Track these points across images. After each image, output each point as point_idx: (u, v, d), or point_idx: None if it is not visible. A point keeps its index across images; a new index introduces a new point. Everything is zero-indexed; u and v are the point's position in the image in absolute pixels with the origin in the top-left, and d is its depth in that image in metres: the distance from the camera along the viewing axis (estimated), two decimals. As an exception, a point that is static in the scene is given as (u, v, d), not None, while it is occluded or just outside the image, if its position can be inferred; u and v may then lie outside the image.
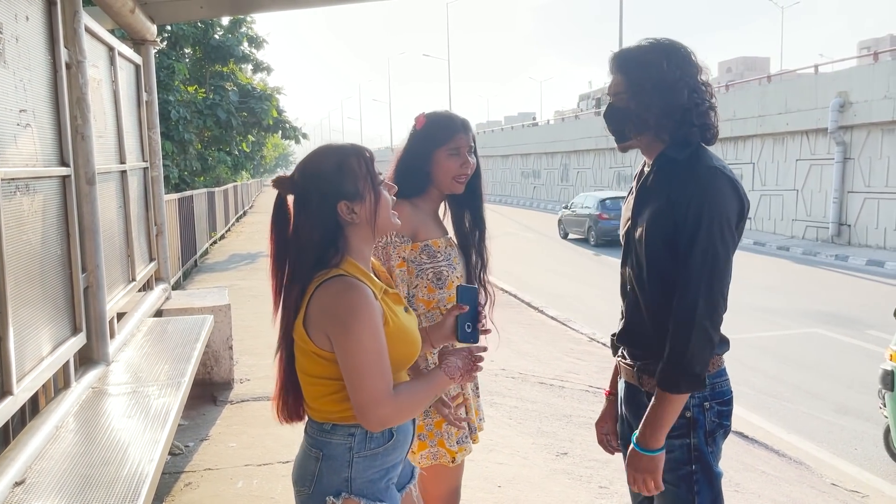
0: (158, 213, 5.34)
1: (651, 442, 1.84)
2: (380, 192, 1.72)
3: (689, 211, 1.80)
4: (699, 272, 1.79)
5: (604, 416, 2.25)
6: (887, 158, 17.36)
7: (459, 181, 2.27)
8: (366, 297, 1.63)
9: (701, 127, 1.87)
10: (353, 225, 1.71)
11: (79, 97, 3.31)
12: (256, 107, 18.36)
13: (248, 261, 13.46)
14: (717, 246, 1.79)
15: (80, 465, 2.45)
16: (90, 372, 3.33)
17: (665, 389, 1.82)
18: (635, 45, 1.94)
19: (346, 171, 1.69)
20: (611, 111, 1.98)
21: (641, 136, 1.94)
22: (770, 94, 20.59)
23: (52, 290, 2.87)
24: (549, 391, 6.00)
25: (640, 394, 1.98)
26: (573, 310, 10.54)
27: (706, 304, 1.79)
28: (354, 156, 1.72)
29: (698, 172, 1.84)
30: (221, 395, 5.19)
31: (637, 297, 1.97)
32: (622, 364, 2.09)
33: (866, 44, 52.10)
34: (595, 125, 33.02)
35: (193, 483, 3.74)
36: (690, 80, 1.87)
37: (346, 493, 1.69)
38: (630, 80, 1.91)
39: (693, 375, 1.80)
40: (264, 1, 5.16)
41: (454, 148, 2.24)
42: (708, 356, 1.82)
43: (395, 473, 1.81)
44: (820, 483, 5.14)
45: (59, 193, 2.99)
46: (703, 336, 1.79)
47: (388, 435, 1.75)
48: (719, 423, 1.92)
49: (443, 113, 2.34)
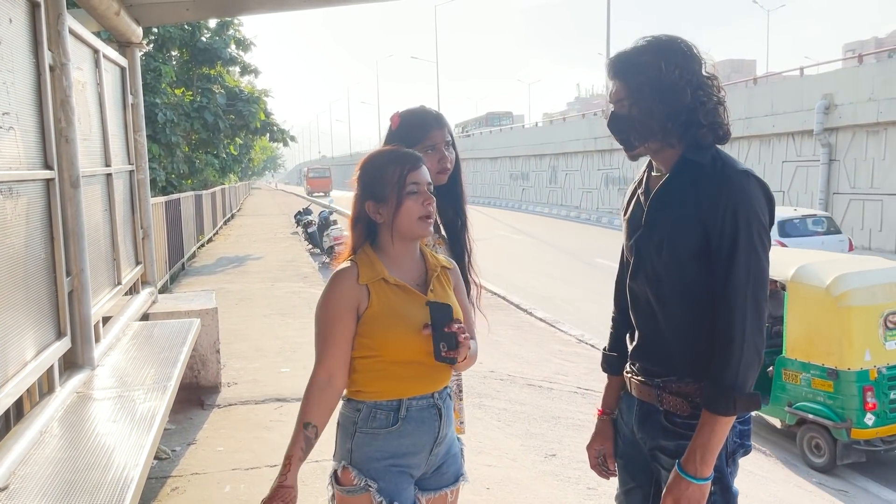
0: (145, 216, 5.31)
1: (702, 469, 1.70)
2: (402, 201, 1.86)
3: (725, 219, 1.70)
4: (745, 283, 1.69)
5: (598, 436, 2.12)
6: (872, 160, 17.53)
7: (441, 174, 2.28)
8: (337, 282, 1.85)
9: (711, 126, 1.78)
10: (381, 224, 1.91)
11: (63, 100, 3.29)
12: (244, 109, 18.30)
13: (236, 264, 13.41)
14: (759, 253, 1.71)
15: (64, 471, 2.42)
16: (75, 376, 3.30)
17: (717, 413, 1.69)
18: (631, 47, 1.84)
19: (380, 176, 1.89)
20: (613, 120, 1.89)
21: (648, 144, 1.84)
22: (756, 97, 20.75)
23: (36, 294, 2.84)
24: (537, 393, 6.01)
25: (658, 413, 1.85)
26: (562, 311, 10.57)
27: (754, 317, 1.69)
28: (394, 164, 1.90)
29: (730, 178, 1.73)
30: (209, 399, 5.16)
31: (655, 310, 1.86)
32: (635, 381, 1.94)
33: (851, 46, 52.57)
34: (583, 128, 33.15)
35: (180, 488, 3.72)
36: (693, 77, 1.77)
37: (346, 462, 1.85)
38: (629, 85, 1.82)
39: (746, 395, 1.69)
40: (251, 3, 5.14)
41: (430, 145, 2.25)
42: (756, 371, 1.72)
43: (404, 462, 1.86)
44: (806, 483, 5.17)
45: (43, 196, 2.96)
46: (754, 352, 1.69)
47: (393, 419, 1.84)
48: (741, 444, 1.84)
49: (416, 110, 2.34)
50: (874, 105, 16.98)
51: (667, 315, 1.83)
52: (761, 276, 1.71)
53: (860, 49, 38.90)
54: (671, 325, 1.83)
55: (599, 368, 2.20)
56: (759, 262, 1.71)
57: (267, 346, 6.69)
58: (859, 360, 5.26)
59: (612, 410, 2.10)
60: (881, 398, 5.24)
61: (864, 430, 5.22)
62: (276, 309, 8.65)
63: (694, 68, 1.78)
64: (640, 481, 1.99)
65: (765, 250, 1.72)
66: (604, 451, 2.10)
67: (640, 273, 1.90)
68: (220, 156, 19.27)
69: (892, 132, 16.91)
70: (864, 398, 5.20)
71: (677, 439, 1.81)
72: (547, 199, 37.04)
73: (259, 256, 14.49)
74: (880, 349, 5.31)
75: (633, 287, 1.93)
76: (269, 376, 5.70)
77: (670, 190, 1.83)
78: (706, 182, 1.75)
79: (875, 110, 16.96)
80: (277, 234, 19.64)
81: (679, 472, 1.73)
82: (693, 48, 1.81)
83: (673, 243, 1.79)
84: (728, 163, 1.77)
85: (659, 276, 1.83)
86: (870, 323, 5.31)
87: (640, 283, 1.90)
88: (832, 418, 5.32)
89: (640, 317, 1.93)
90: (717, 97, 1.79)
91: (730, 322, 1.70)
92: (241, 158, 23.19)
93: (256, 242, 17.60)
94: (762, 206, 1.73)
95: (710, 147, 1.80)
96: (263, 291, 9.99)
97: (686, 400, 1.80)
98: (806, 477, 5.30)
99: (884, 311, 5.33)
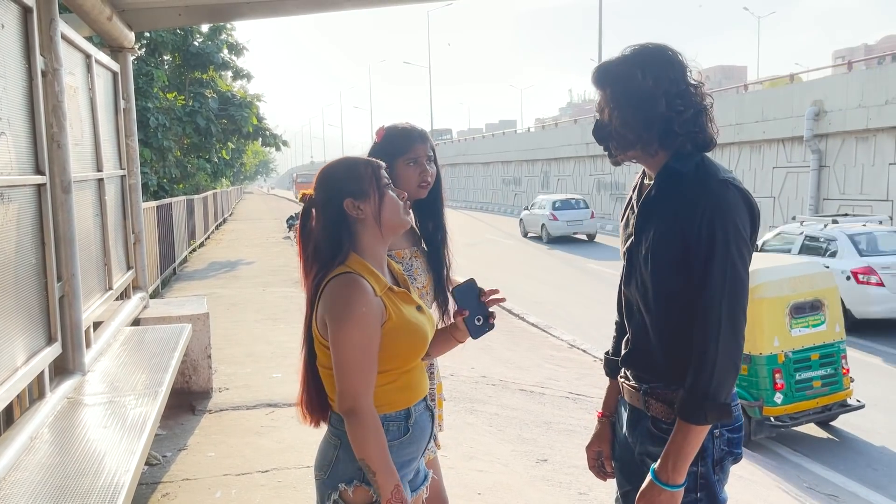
0: (136, 221, 5.30)
1: (674, 476, 1.72)
2: (384, 192, 1.85)
3: (702, 228, 1.70)
4: (720, 293, 1.69)
5: (596, 438, 2.13)
6: (861, 166, 17.66)
7: (422, 186, 2.32)
8: (361, 293, 1.73)
9: (686, 135, 1.78)
10: (361, 222, 1.84)
11: (55, 105, 3.28)
12: (236, 114, 18.29)
13: (228, 269, 13.38)
14: (736, 264, 1.69)
15: (54, 477, 2.42)
16: (66, 382, 3.29)
17: (689, 421, 1.70)
18: (616, 57, 1.86)
19: (353, 174, 1.85)
20: (595, 128, 1.91)
21: (629, 153, 1.86)
22: (747, 103, 20.87)
23: (27, 300, 2.84)
24: (529, 398, 6.01)
25: (646, 419, 1.88)
26: (554, 316, 10.59)
27: (729, 328, 1.69)
28: (363, 164, 1.88)
29: (709, 187, 1.73)
30: (200, 405, 5.15)
31: (643, 317, 1.87)
32: (626, 386, 1.97)
33: (841, 53, 52.94)
34: (575, 133, 33.25)
35: (171, 493, 3.71)
36: (671, 86, 1.77)
37: (358, 481, 1.77)
38: (608, 94, 1.85)
39: (719, 405, 1.70)
40: (243, 9, 5.15)
41: (413, 157, 2.31)
42: (732, 382, 1.73)
43: (409, 469, 1.87)
44: (795, 488, 5.20)
45: (35, 202, 2.96)
46: (728, 363, 1.70)
47: (403, 429, 1.83)
48: (729, 451, 1.83)
49: (402, 124, 2.40)
50: (863, 112, 17.11)
51: (653, 323, 1.85)
52: (738, 285, 1.70)
53: (850, 56, 39.19)
54: (657, 333, 1.85)
55: (591, 374, 2.24)
56: (736, 271, 1.70)
57: (258, 352, 6.68)
58: (769, 346, 5.91)
59: (612, 413, 2.12)
60: (788, 379, 5.94)
61: (774, 408, 5.91)
62: (268, 314, 8.63)
63: (673, 77, 1.78)
64: (637, 484, 2.01)
65: (742, 260, 1.71)
66: (602, 453, 2.12)
67: (631, 280, 1.91)
68: (212, 160, 19.26)
69: (882, 139, 17.04)
70: (774, 380, 5.91)
71: (663, 445, 1.82)
72: (539, 204, 37.11)
73: (251, 261, 14.47)
74: (787, 336, 5.97)
75: (627, 294, 1.96)
76: (260, 381, 5.69)
77: (655, 198, 1.84)
78: (686, 190, 1.76)
79: (864, 117, 17.09)
80: (269, 239, 19.60)
81: (652, 478, 1.75)
82: (677, 56, 1.81)
83: (656, 252, 1.79)
84: (710, 171, 1.77)
85: (646, 284, 1.84)
86: (777, 312, 5.96)
87: (632, 290, 1.91)
88: (746, 398, 5.91)
89: (632, 323, 1.95)
90: (698, 106, 1.79)
91: (705, 332, 1.70)
92: (233, 163, 23.20)
93: (248, 247, 17.56)
94: (742, 215, 1.72)
95: (695, 155, 1.80)
96: (255, 296, 9.97)
97: (671, 407, 1.81)
98: (795, 482, 5.32)
99: (789, 302, 5.99)
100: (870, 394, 7.14)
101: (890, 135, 16.80)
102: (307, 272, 1.86)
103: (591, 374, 6.79)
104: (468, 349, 1.95)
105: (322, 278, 1.80)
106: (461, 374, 6.30)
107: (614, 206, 30.13)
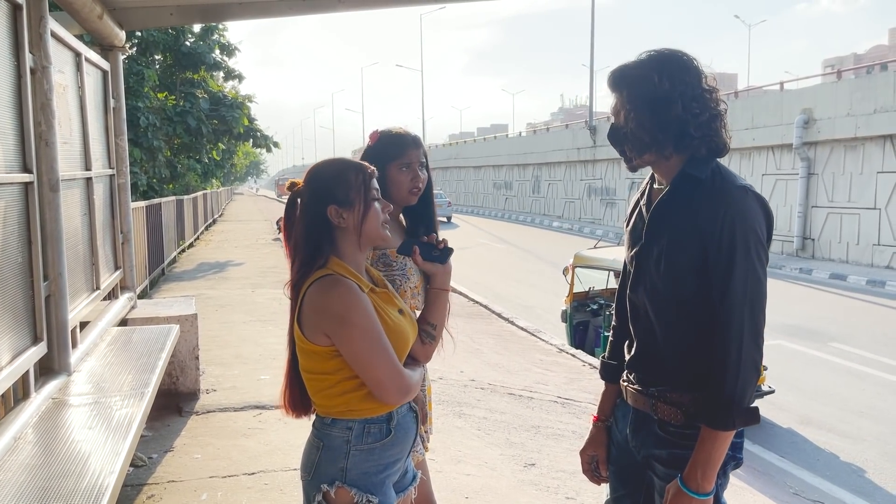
0: (125, 221, 5.27)
1: (703, 484, 1.72)
2: (370, 204, 1.84)
3: (723, 235, 1.72)
4: (741, 300, 1.71)
5: (591, 442, 2.14)
6: (850, 174, 17.79)
7: (413, 192, 2.33)
8: (353, 289, 1.76)
9: (702, 138, 1.79)
10: (342, 230, 1.83)
11: (43, 103, 3.26)
12: (227, 115, 18.26)
13: (217, 269, 13.32)
14: (757, 270, 1.72)
15: (38, 478, 2.40)
16: (51, 382, 3.27)
17: (717, 428, 1.71)
18: (632, 61, 1.88)
19: (342, 180, 1.83)
20: (611, 132, 1.92)
21: (644, 156, 1.87)
22: (737, 110, 20.98)
23: (12, 299, 2.81)
24: (517, 402, 6.01)
25: (652, 422, 1.88)
26: (543, 320, 10.60)
27: (751, 334, 1.71)
28: (354, 169, 1.85)
29: (730, 194, 1.75)
30: (187, 406, 5.12)
31: (652, 322, 1.88)
32: (630, 389, 1.96)
33: (830, 62, 53.37)
34: (566, 138, 33.36)
35: (156, 496, 3.68)
36: (687, 89, 1.78)
37: (340, 482, 1.79)
38: (624, 97, 1.85)
39: (746, 410, 1.71)
40: (235, 9, 5.13)
41: (405, 163, 2.30)
42: (754, 385, 1.74)
43: (394, 470, 1.88)
44: (782, 493, 5.22)
45: (21, 200, 2.94)
46: (752, 368, 1.71)
47: (385, 431, 1.84)
48: (732, 456, 1.83)
49: (395, 129, 2.40)
50: (852, 120, 17.25)
51: (663, 327, 1.86)
52: (758, 290, 1.73)
53: (839, 65, 39.52)
54: (667, 337, 1.85)
55: (580, 378, 2.23)
56: (756, 277, 1.72)
57: (247, 353, 6.65)
58: None
59: (608, 418, 2.12)
60: None
61: None
62: (257, 316, 8.60)
63: (689, 80, 1.80)
64: (631, 489, 2.03)
65: (762, 265, 1.74)
66: (596, 457, 2.13)
67: (639, 285, 1.92)
68: (203, 161, 19.19)
69: (870, 147, 17.18)
70: None
71: (670, 448, 1.84)
72: (530, 208, 37.20)
73: (240, 262, 14.41)
74: None
75: (633, 298, 1.96)
76: (248, 383, 5.67)
77: (669, 204, 1.85)
78: (705, 197, 1.77)
79: (853, 125, 17.23)
80: (259, 240, 19.53)
81: (681, 487, 1.75)
82: (692, 61, 1.83)
83: (671, 257, 1.80)
84: (727, 178, 1.79)
85: (657, 289, 1.85)
86: None
87: (640, 295, 1.92)
88: None
89: (639, 328, 1.95)
90: (713, 111, 1.81)
91: (727, 337, 1.71)
92: (223, 163, 23.11)
93: (238, 248, 17.49)
94: (760, 221, 1.75)
95: (709, 161, 1.82)
96: (244, 298, 9.93)
97: (680, 409, 1.82)
98: (782, 487, 5.35)
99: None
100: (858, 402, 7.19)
101: (878, 143, 16.95)
102: (290, 266, 1.87)
103: (580, 379, 6.80)
104: (457, 353, 1.94)
105: (302, 281, 1.81)
106: (450, 377, 6.29)
107: (604, 211, 30.22)
